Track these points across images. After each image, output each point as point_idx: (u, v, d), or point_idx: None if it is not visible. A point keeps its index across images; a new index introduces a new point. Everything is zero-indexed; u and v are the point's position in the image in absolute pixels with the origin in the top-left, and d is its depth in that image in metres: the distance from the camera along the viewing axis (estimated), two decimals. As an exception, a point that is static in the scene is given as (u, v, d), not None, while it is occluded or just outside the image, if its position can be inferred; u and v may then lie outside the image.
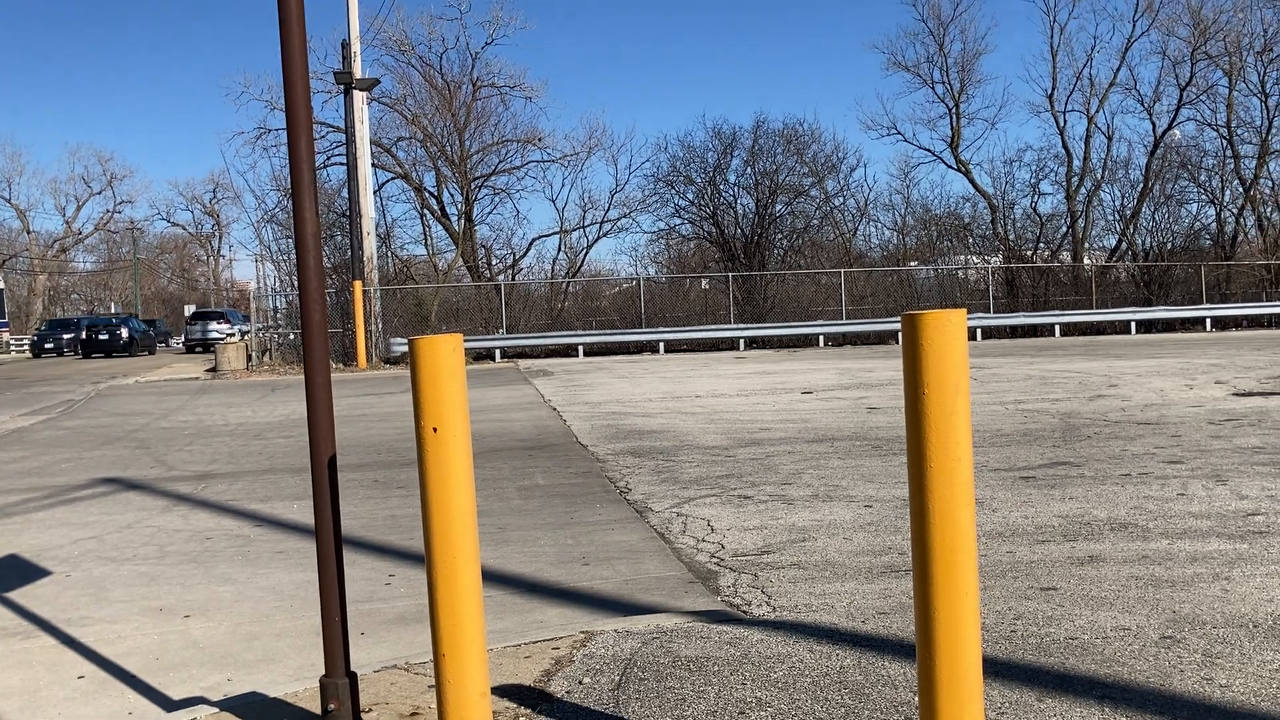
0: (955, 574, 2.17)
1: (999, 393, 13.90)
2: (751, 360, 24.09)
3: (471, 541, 2.58)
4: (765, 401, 14.08)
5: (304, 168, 2.94)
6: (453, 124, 37.66)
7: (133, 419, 15.47)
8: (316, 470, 3.08)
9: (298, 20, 2.85)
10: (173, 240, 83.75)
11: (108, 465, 10.63)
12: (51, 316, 58.37)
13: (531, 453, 10.27)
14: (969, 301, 33.37)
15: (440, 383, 2.49)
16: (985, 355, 22.27)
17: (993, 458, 8.54)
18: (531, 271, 40.18)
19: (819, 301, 33.32)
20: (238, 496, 8.51)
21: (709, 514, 6.86)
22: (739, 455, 9.37)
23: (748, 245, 37.02)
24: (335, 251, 30.82)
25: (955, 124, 39.62)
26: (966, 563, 2.15)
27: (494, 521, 6.99)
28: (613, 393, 16.37)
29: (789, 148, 38.49)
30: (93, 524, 7.57)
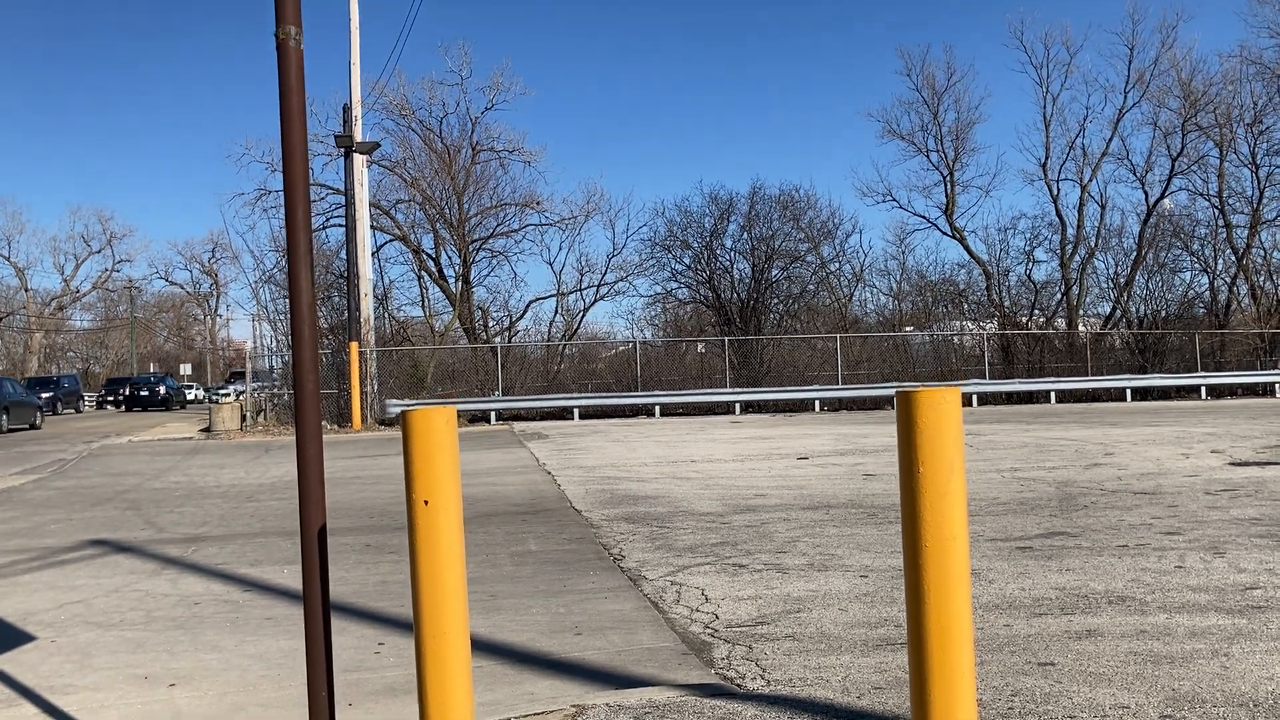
0: (950, 653, 2.15)
1: (995, 460, 13.86)
2: (747, 425, 24.05)
3: (461, 616, 2.55)
4: (761, 467, 14.03)
5: (300, 235, 2.95)
6: (452, 187, 38.01)
7: (124, 479, 15.37)
8: (306, 542, 3.05)
9: (297, 93, 2.89)
10: (170, 299, 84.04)
11: (97, 527, 10.53)
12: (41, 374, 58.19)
13: (525, 518, 10.20)
14: (964, 367, 33.46)
15: (433, 455, 2.48)
16: (981, 422, 22.25)
17: (989, 527, 8.49)
18: (528, 334, 40.32)
19: (815, 366, 33.38)
20: (228, 560, 8.42)
21: (703, 583, 6.80)
22: (734, 522, 9.31)
23: (744, 309, 37.18)
24: (333, 312, 30.91)
25: (950, 191, 40.06)
26: (962, 642, 2.13)
27: (486, 589, 6.92)
28: (607, 457, 16.30)
29: (785, 213, 38.89)
30: (80, 587, 7.48)
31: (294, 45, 2.86)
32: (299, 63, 2.88)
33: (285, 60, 2.88)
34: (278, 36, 2.88)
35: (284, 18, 2.87)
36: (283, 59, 2.88)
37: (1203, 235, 38.32)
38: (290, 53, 2.87)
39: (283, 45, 2.87)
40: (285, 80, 2.88)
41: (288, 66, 2.88)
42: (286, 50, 2.88)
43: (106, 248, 74.83)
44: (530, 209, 39.20)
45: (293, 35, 2.86)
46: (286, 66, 2.88)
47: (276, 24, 2.87)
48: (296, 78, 2.89)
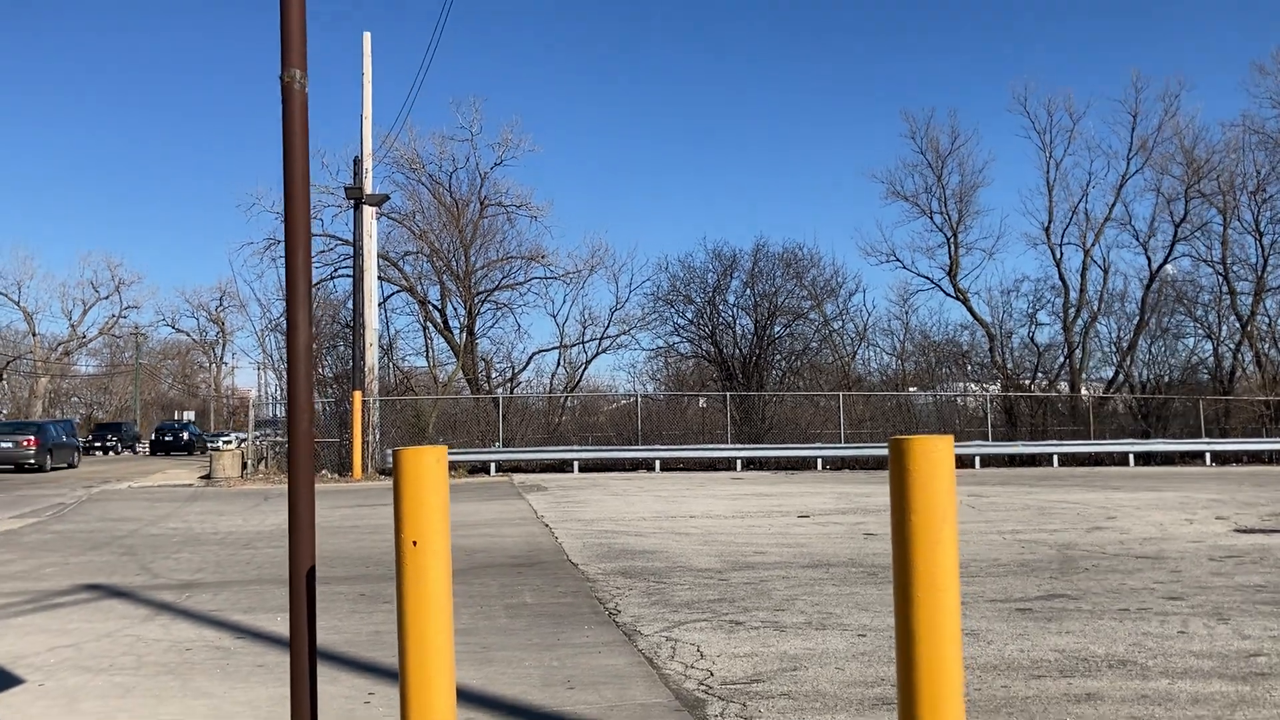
0: (941, 709, 2.11)
1: (996, 522, 13.77)
2: (748, 481, 23.94)
3: (447, 660, 2.52)
4: (760, 524, 13.94)
5: (300, 278, 2.97)
6: (459, 240, 38.27)
7: (122, 524, 15.29)
8: (295, 583, 3.02)
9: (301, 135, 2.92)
10: (176, 346, 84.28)
11: (93, 571, 10.46)
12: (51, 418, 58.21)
13: (521, 570, 10.11)
14: (967, 429, 33.35)
15: (423, 495, 2.46)
16: (983, 483, 22.14)
17: (989, 588, 8.41)
18: (530, 386, 40.31)
19: (817, 424, 33.29)
20: (221, 607, 8.35)
21: (699, 639, 6.72)
22: (732, 579, 9.23)
23: (746, 365, 37.19)
24: (338, 361, 30.98)
25: (953, 253, 40.25)
26: (951, 697, 2.09)
27: (479, 640, 6.84)
28: (606, 510, 16.21)
29: (788, 271, 39.02)
30: (72, 631, 7.41)
31: (299, 88, 2.90)
32: (303, 105, 2.92)
33: (290, 103, 2.91)
34: (283, 79, 2.92)
35: (289, 61, 2.91)
36: (287, 101, 2.91)
37: (1206, 301, 38.42)
38: (295, 95, 2.91)
39: (288, 88, 2.91)
40: (289, 122, 2.91)
41: (292, 109, 2.91)
42: (291, 93, 2.91)
43: (115, 294, 75.16)
44: (536, 262, 39.43)
45: (297, 79, 2.90)
46: (291, 109, 2.92)
47: (282, 67, 2.90)
48: (300, 120, 2.92)
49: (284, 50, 2.91)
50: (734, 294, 38.99)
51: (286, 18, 2.88)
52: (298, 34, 2.93)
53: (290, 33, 2.91)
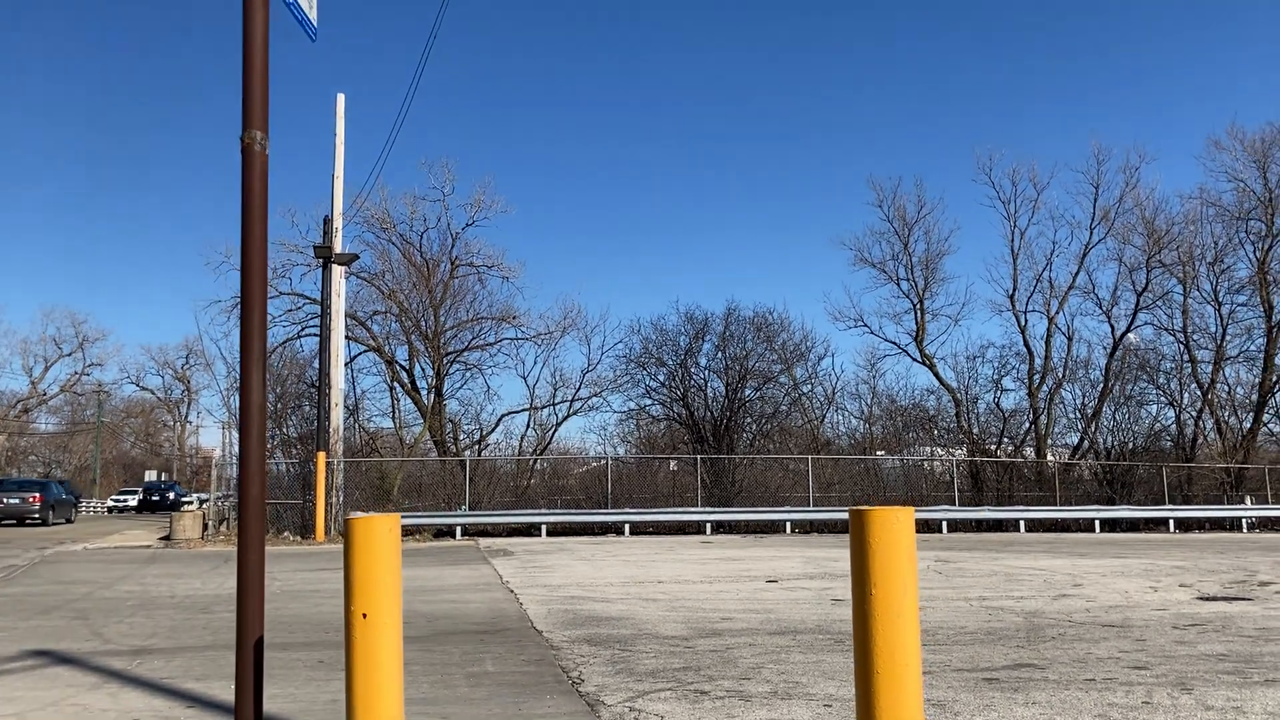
0: (904, 788, 2.05)
1: (963, 588, 13.71)
2: (717, 545, 23.77)
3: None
4: (729, 589, 13.81)
5: (254, 337, 2.92)
6: (429, 300, 38.24)
7: (75, 587, 14.93)
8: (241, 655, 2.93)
9: (260, 195, 2.89)
10: (139, 404, 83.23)
11: (41, 636, 10.17)
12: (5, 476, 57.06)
13: (484, 637, 9.93)
14: (935, 493, 33.44)
15: (373, 565, 2.40)
16: (951, 549, 22.11)
17: (955, 656, 8.33)
18: (499, 448, 40.06)
19: (787, 487, 33.25)
20: (173, 674, 8.13)
21: (663, 709, 6.60)
22: (699, 646, 9.10)
23: (717, 428, 37.18)
24: (302, 421, 30.67)
25: (920, 319, 40.66)
26: (914, 778, 2.04)
27: (439, 710, 6.69)
28: (573, 575, 16.02)
29: (759, 334, 39.25)
30: (16, 699, 7.18)
31: (259, 150, 2.87)
32: (263, 167, 2.89)
33: (249, 163, 2.89)
34: (243, 140, 2.89)
35: (250, 122, 2.88)
36: (247, 162, 2.88)
37: (1168, 369, 38.94)
38: (255, 157, 2.88)
39: (248, 149, 2.88)
40: (248, 183, 2.89)
41: (251, 170, 2.89)
42: (251, 154, 2.89)
43: (78, 351, 74.47)
44: (507, 323, 39.45)
45: (258, 140, 2.88)
46: (250, 170, 2.89)
47: (243, 128, 2.88)
48: (260, 181, 2.89)
49: (245, 111, 2.89)
50: (705, 357, 39.14)
51: (249, 80, 2.86)
52: (260, 97, 2.92)
53: (252, 94, 2.89)
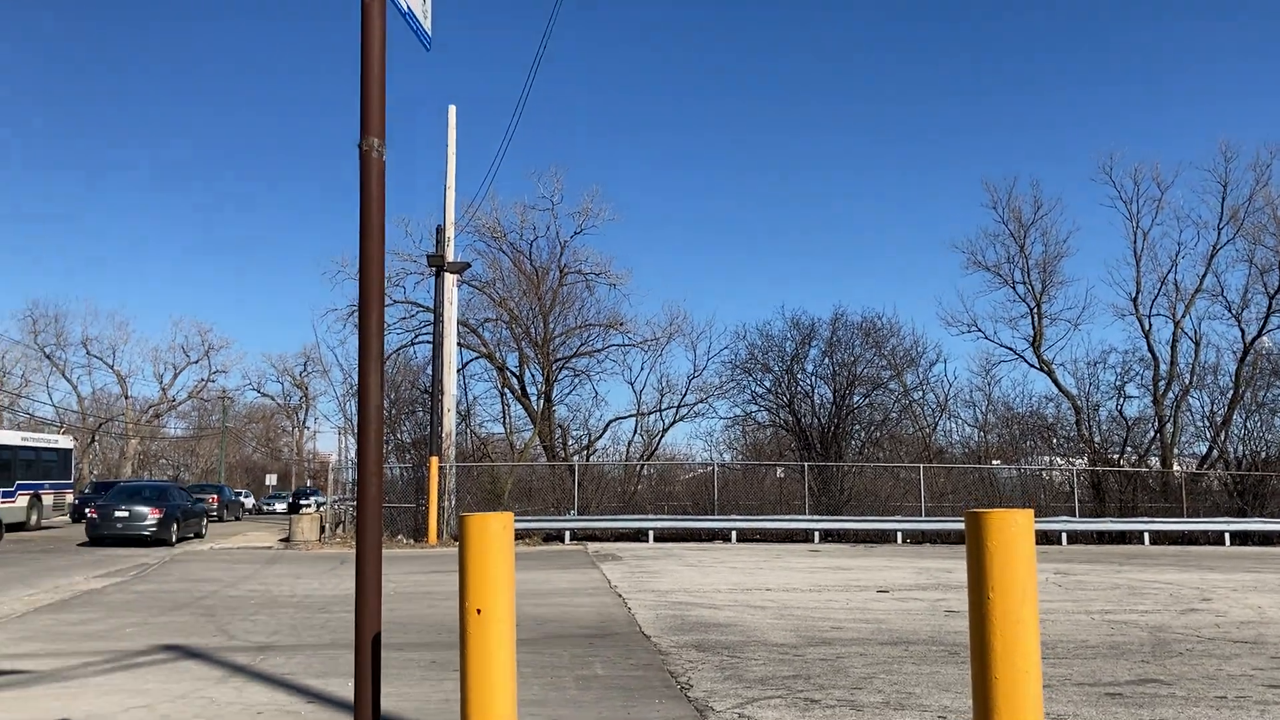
0: (1025, 800, 1.99)
1: (1084, 601, 13.27)
2: (826, 554, 23.49)
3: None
4: (838, 599, 13.63)
5: (373, 340, 2.99)
6: (538, 307, 38.71)
7: (202, 585, 15.53)
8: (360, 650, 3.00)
9: (378, 201, 2.96)
10: (260, 410, 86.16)
11: (171, 632, 10.61)
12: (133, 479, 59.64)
13: (593, 641, 9.99)
14: (1053, 504, 32.42)
15: (487, 562, 2.43)
16: (1070, 560, 21.43)
17: (1076, 671, 8.07)
18: (606, 453, 40.27)
19: (897, 496, 32.64)
20: (294, 670, 8.38)
21: (773, 717, 6.54)
22: (808, 655, 9.00)
23: (824, 435, 36.72)
24: (416, 427, 31.36)
25: (1037, 324, 39.49)
26: (1036, 789, 1.97)
27: (548, 712, 6.75)
28: (681, 581, 16.02)
29: (867, 340, 38.60)
30: (148, 691, 7.49)
31: (377, 156, 2.95)
32: (380, 173, 2.97)
33: (367, 170, 2.97)
34: (361, 147, 2.97)
35: (369, 129, 2.97)
36: (365, 169, 2.97)
37: (1304, 375, 37.00)
38: (373, 163, 2.96)
39: (366, 156, 2.96)
40: (367, 189, 2.97)
41: (369, 176, 2.97)
42: (369, 161, 2.97)
43: (204, 358, 77.38)
44: (614, 330, 39.66)
45: (375, 146, 2.96)
46: (369, 176, 2.97)
47: (361, 135, 2.96)
48: (378, 187, 2.97)
49: (363, 119, 2.97)
50: (812, 363, 38.65)
51: (367, 89, 2.94)
52: (377, 104, 3.00)
53: (370, 103, 2.97)
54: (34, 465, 33.85)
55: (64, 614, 12.16)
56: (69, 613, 12.28)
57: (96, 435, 71.67)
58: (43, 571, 18.22)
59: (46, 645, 9.75)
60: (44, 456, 34.91)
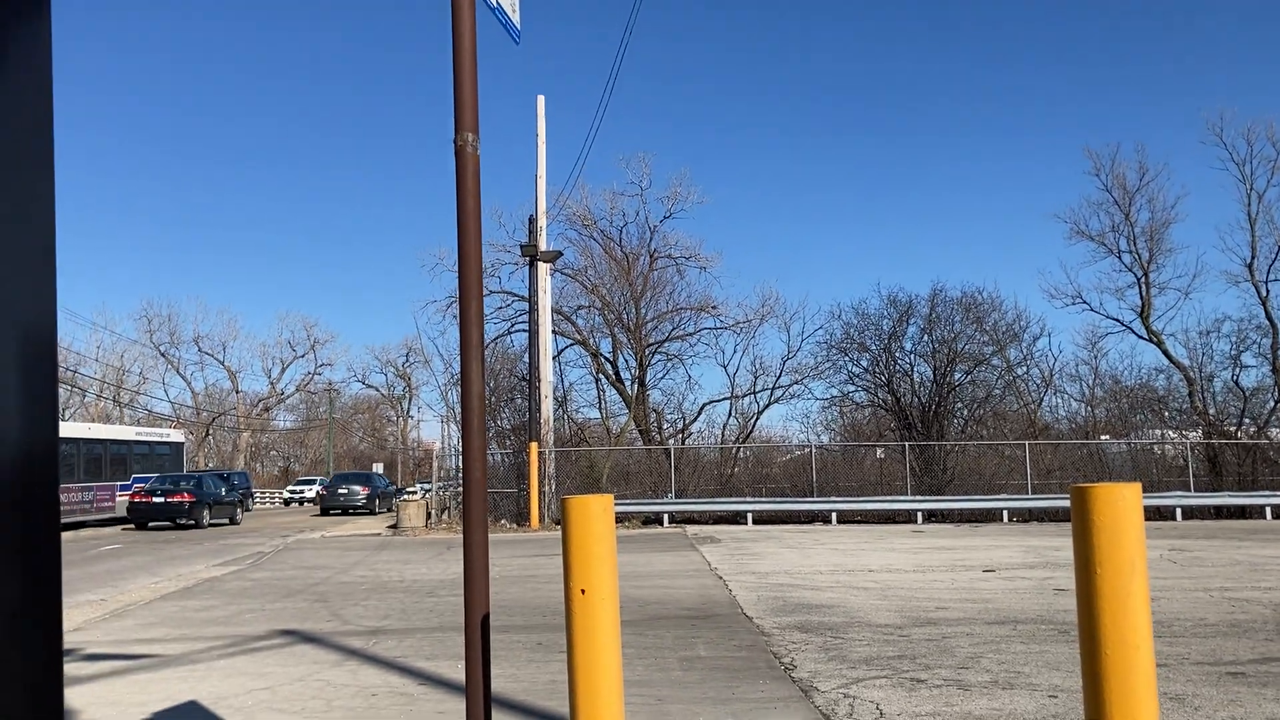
0: (1139, 777, 1.96)
1: (1202, 578, 12.87)
2: (929, 534, 23.17)
3: (616, 708, 2.51)
4: (942, 579, 13.45)
5: (473, 329, 3.06)
6: (630, 293, 38.88)
7: (315, 572, 16.03)
8: (470, 630, 3.09)
9: (473, 195, 3.03)
10: (366, 401, 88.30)
11: (288, 617, 10.99)
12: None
13: (695, 622, 10.05)
14: (1166, 479, 31.41)
15: (590, 543, 2.48)
16: (1186, 537, 20.77)
17: (1195, 650, 7.84)
18: (701, 436, 40.31)
19: (1002, 475, 31.98)
20: (406, 653, 8.62)
21: (878, 697, 6.51)
22: (913, 635, 8.92)
23: (925, 414, 36.14)
24: (515, 414, 31.80)
25: (1145, 293, 38.24)
26: (1150, 765, 1.95)
27: (653, 693, 6.82)
28: (781, 563, 15.98)
29: (968, 316, 37.81)
30: (268, 674, 7.78)
31: (471, 151, 3.02)
32: (475, 167, 3.04)
33: (463, 165, 3.04)
34: (456, 143, 3.04)
35: (463, 125, 3.03)
36: (460, 163, 3.03)
37: None
38: (467, 158, 3.03)
39: (460, 151, 3.03)
40: (462, 183, 3.04)
41: (465, 170, 3.03)
42: (464, 156, 3.04)
43: (310, 353, 79.64)
44: (705, 313, 39.64)
45: (470, 141, 3.02)
46: (464, 171, 3.04)
47: (455, 131, 3.03)
48: (473, 181, 3.04)
49: (457, 115, 3.03)
50: (911, 341, 38.02)
51: (459, 85, 3.00)
52: (470, 100, 3.06)
53: (463, 99, 3.04)
54: (148, 459, 35.34)
55: (187, 601, 12.69)
56: (192, 599, 12.81)
57: (210, 429, 74.32)
58: (165, 561, 19.02)
59: (172, 630, 10.19)
60: (157, 450, 36.45)
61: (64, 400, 64.43)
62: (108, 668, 8.20)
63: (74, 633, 10.16)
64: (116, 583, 15.18)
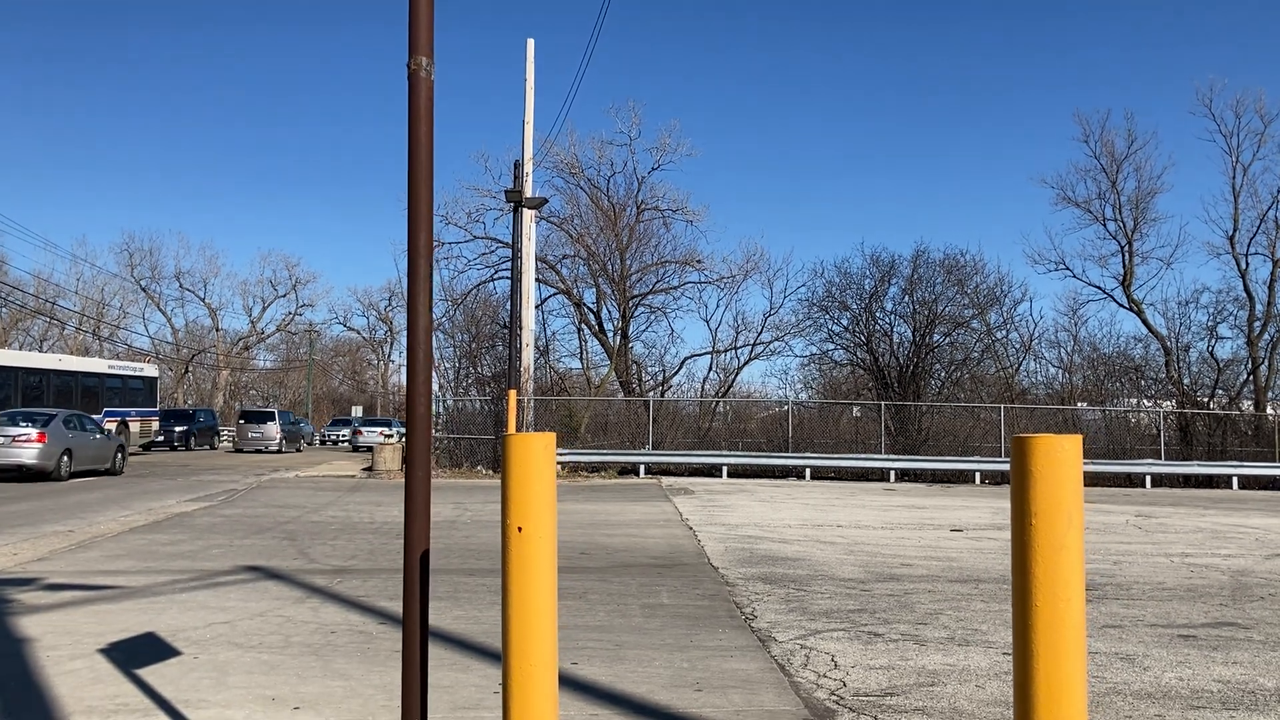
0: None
1: (1164, 544, 13.00)
2: (901, 493, 23.34)
3: (550, 650, 2.48)
4: (910, 536, 13.55)
5: (421, 261, 3.00)
6: (615, 244, 38.67)
7: (286, 511, 16.02)
8: (409, 565, 3.05)
9: (426, 122, 2.95)
10: (347, 344, 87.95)
11: (254, 554, 10.97)
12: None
13: (661, 571, 10.09)
14: (1138, 447, 31.69)
15: (529, 481, 2.44)
16: (1154, 504, 20.98)
17: (1150, 612, 7.92)
18: (681, 390, 40.35)
19: (976, 437, 32.16)
20: (369, 593, 8.62)
21: (834, 649, 6.55)
22: (875, 590, 8.98)
23: (903, 374, 36.27)
24: (496, 361, 31.72)
25: (1128, 262, 38.31)
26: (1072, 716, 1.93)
27: (612, 638, 6.84)
28: (752, 516, 16.06)
29: (949, 278, 37.84)
30: (229, 609, 7.77)
31: (425, 75, 2.93)
32: (429, 93, 2.95)
33: (415, 90, 2.95)
34: (410, 66, 2.95)
35: (417, 48, 2.94)
36: (413, 88, 2.95)
37: None
38: (420, 83, 2.94)
39: (414, 75, 2.95)
40: (414, 110, 2.95)
41: (418, 97, 2.95)
42: (417, 80, 2.95)
43: (291, 293, 79.05)
44: (690, 267, 39.47)
45: (424, 66, 2.93)
46: (417, 96, 2.95)
47: (409, 54, 2.94)
48: (426, 107, 2.95)
49: (411, 38, 2.94)
50: (892, 301, 38.06)
51: (415, 6, 2.91)
52: (425, 21, 2.97)
53: (418, 21, 2.95)
54: (121, 393, 34.88)
55: (155, 534, 12.65)
56: (160, 533, 12.77)
57: (190, 366, 73.92)
58: (138, 495, 18.96)
59: (138, 564, 10.16)
60: (130, 384, 35.89)
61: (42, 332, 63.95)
62: (68, 597, 8.17)
63: (37, 563, 10.13)
64: (86, 514, 15.13)
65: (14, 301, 58.37)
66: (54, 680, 5.63)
